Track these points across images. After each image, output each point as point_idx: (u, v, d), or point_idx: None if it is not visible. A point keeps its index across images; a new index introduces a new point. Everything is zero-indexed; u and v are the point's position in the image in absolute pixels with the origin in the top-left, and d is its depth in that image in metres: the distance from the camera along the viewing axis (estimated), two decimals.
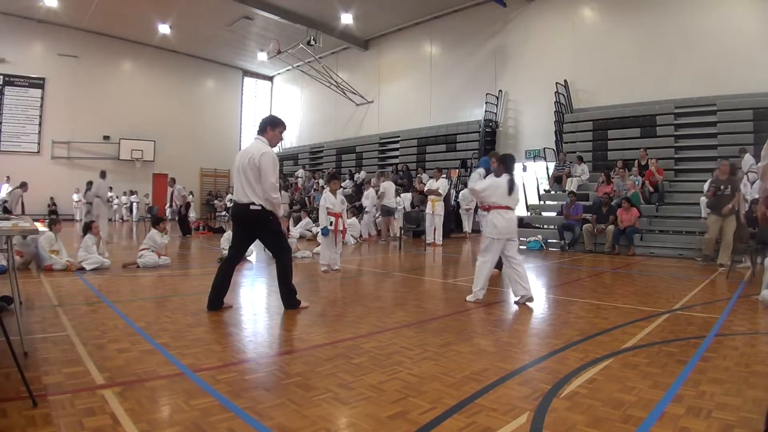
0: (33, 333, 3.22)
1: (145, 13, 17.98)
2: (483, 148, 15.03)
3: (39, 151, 19.88)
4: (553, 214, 11.82)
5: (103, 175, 11.76)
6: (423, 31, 18.32)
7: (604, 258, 8.95)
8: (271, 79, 26.96)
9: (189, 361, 2.72)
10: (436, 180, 11.15)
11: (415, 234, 13.02)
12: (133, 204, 21.04)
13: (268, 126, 4.15)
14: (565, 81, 13.84)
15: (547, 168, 13.64)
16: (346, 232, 6.75)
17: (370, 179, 13.86)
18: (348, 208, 9.72)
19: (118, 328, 3.42)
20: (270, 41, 19.32)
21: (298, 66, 21.16)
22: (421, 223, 11.87)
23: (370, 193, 12.51)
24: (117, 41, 21.29)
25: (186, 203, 13.41)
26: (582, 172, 12.18)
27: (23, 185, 12.89)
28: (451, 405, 2.17)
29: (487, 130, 15.40)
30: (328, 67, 20.03)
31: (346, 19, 17.82)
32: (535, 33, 14.99)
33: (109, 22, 19.45)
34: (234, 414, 2.05)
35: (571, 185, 11.89)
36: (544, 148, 13.94)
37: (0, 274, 5.39)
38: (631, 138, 12.07)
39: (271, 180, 3.92)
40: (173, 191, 13.59)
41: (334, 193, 6.63)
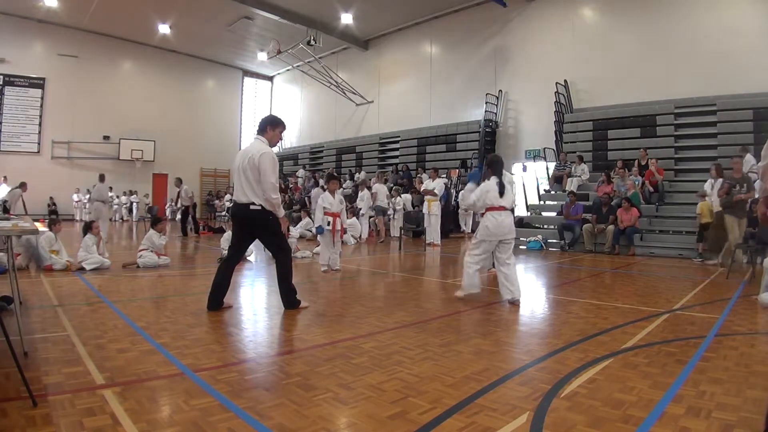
0: (33, 333, 3.22)
1: (145, 13, 17.98)
2: (483, 148, 15.03)
3: (39, 151, 19.89)
4: (553, 214, 11.82)
5: (102, 178, 11.78)
6: (423, 31, 18.32)
7: (604, 258, 8.96)
8: (271, 79, 26.96)
9: (189, 361, 2.72)
10: (433, 180, 11.17)
11: (416, 234, 13.03)
12: (133, 204, 21.05)
13: (268, 126, 4.14)
14: (565, 81, 13.84)
15: (547, 168, 13.64)
16: (345, 233, 6.74)
17: (365, 180, 13.86)
18: (348, 209, 9.72)
19: (118, 328, 3.42)
20: (270, 41, 19.32)
21: (298, 66, 21.16)
22: (421, 223, 11.88)
23: (365, 194, 12.55)
24: (117, 41, 21.29)
25: (194, 203, 13.45)
26: (582, 172, 12.18)
27: (22, 185, 12.89)
28: (451, 405, 2.17)
29: (487, 130, 15.39)
30: (328, 67, 20.02)
31: (346, 19, 17.81)
32: (535, 33, 14.98)
33: (109, 22, 19.45)
34: (234, 414, 2.05)
35: (571, 185, 11.90)
36: (544, 148, 13.93)
37: (0, 274, 5.39)
38: (631, 138, 12.07)
39: (271, 180, 3.92)
40: (180, 191, 13.56)
41: (333, 193, 6.64)
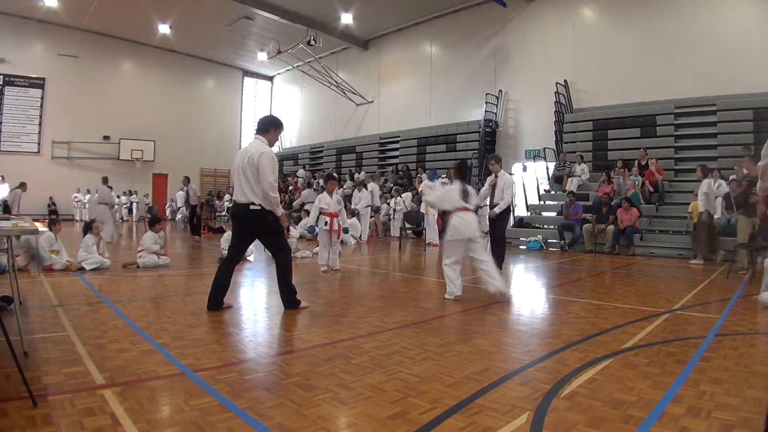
0: (33, 333, 3.22)
1: (145, 13, 17.97)
2: (483, 148, 15.03)
3: (39, 151, 19.89)
4: (553, 214, 11.82)
5: (105, 181, 11.77)
6: (423, 31, 18.32)
7: (604, 258, 8.96)
8: (271, 79, 26.96)
9: (189, 361, 2.72)
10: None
11: (417, 234, 13.04)
12: (133, 204, 21.06)
13: (272, 127, 4.16)
14: (565, 81, 13.84)
15: (547, 168, 13.64)
16: (345, 232, 6.75)
17: (363, 181, 13.84)
18: (347, 209, 9.73)
19: (118, 328, 3.42)
20: (270, 41, 19.31)
21: (298, 66, 21.16)
22: (422, 222, 11.89)
23: (363, 194, 12.57)
24: (117, 41, 21.29)
25: (201, 203, 13.33)
26: (582, 172, 12.18)
27: (22, 185, 12.90)
28: (451, 405, 2.17)
29: (487, 130, 15.39)
30: (328, 67, 20.02)
31: (346, 19, 17.80)
32: (535, 33, 14.98)
33: (109, 22, 19.45)
34: (234, 414, 2.05)
35: (571, 185, 11.90)
36: (544, 148, 13.93)
37: (0, 274, 5.39)
38: (631, 138, 12.07)
39: (270, 179, 3.93)
40: (188, 190, 13.50)
41: (331, 194, 6.64)
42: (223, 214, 19.78)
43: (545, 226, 11.61)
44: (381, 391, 2.33)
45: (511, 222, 13.03)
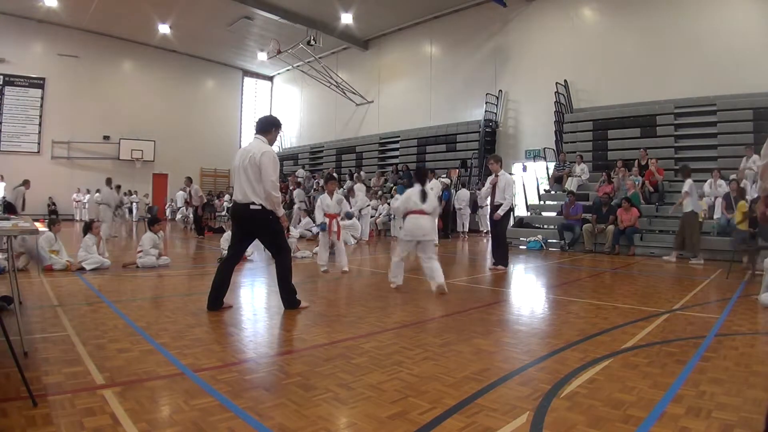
0: (33, 333, 3.22)
1: (145, 13, 17.98)
2: (483, 148, 15.04)
3: (39, 151, 19.89)
4: (553, 214, 11.82)
5: (108, 182, 11.78)
6: (423, 31, 18.32)
7: (604, 258, 8.95)
8: (271, 79, 26.96)
9: (189, 361, 2.72)
10: (429, 181, 11.15)
11: None
12: (133, 204, 21.05)
13: (272, 127, 4.19)
14: (565, 81, 13.84)
15: (547, 168, 13.64)
16: (342, 233, 6.79)
17: (352, 187, 13.74)
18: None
19: (118, 328, 3.42)
20: (270, 41, 19.31)
21: (298, 66, 21.15)
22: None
23: (358, 197, 12.65)
24: (117, 41, 21.29)
25: (203, 203, 13.23)
26: (582, 172, 12.18)
27: (26, 183, 12.92)
28: (451, 405, 2.17)
29: (487, 130, 15.39)
30: (328, 67, 20.02)
31: (346, 19, 17.81)
32: (535, 33, 14.98)
33: (109, 22, 19.45)
34: (234, 414, 2.05)
35: (570, 185, 11.89)
36: (544, 148, 13.93)
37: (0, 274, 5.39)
38: (631, 138, 12.07)
39: (272, 178, 3.94)
40: (190, 191, 13.43)
41: (331, 194, 6.69)
42: (223, 214, 19.78)
43: (545, 226, 11.61)
44: (381, 391, 2.33)
45: (512, 222, 13.05)
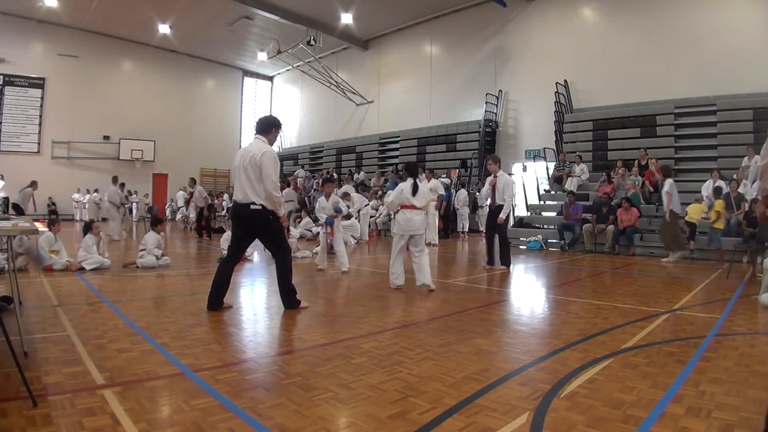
0: (33, 333, 3.22)
1: (145, 13, 17.97)
2: (483, 148, 15.04)
3: (39, 151, 19.88)
4: (553, 214, 11.82)
5: (114, 180, 11.78)
6: (423, 31, 18.32)
7: (604, 258, 8.95)
8: (271, 79, 26.95)
9: (189, 361, 2.72)
10: (428, 181, 11.14)
11: None
12: (133, 204, 21.04)
13: (273, 127, 4.20)
14: (565, 81, 13.84)
15: (547, 168, 13.64)
16: (341, 233, 6.87)
17: (346, 193, 13.71)
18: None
19: (118, 328, 3.42)
20: (270, 41, 19.32)
21: (298, 66, 21.16)
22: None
23: (355, 198, 12.66)
24: (117, 41, 21.29)
25: (208, 204, 13.06)
26: (581, 172, 12.18)
27: (33, 184, 12.93)
28: (451, 405, 2.17)
29: (487, 130, 15.39)
30: (328, 67, 20.02)
31: (346, 19, 17.81)
32: (535, 33, 14.98)
33: (109, 22, 19.45)
34: (234, 414, 2.05)
35: (570, 185, 11.89)
36: (544, 148, 13.93)
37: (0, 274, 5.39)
38: (631, 138, 12.07)
39: (273, 178, 3.95)
40: (194, 192, 13.34)
41: (328, 197, 6.76)
42: (222, 214, 19.78)
43: (545, 226, 11.61)
44: (381, 391, 2.33)
45: (512, 222, 13.05)
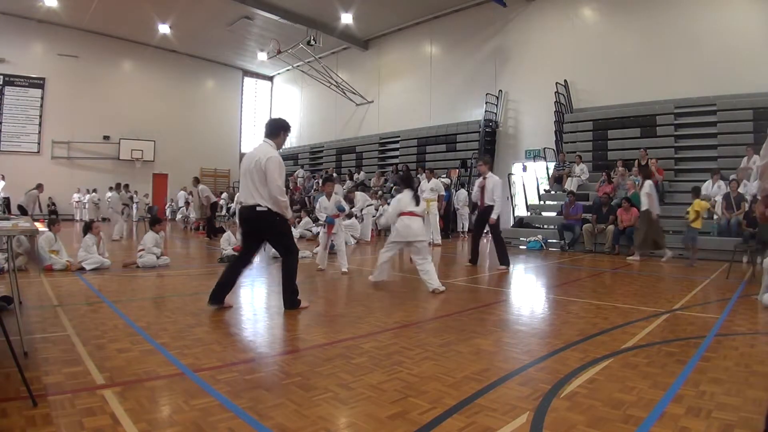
0: (33, 333, 3.22)
1: (145, 13, 17.97)
2: (483, 148, 15.04)
3: (39, 151, 19.88)
4: (553, 214, 11.82)
5: (117, 187, 11.78)
6: (423, 31, 18.31)
7: (604, 258, 8.96)
8: (271, 79, 26.95)
9: (189, 361, 2.72)
10: (428, 181, 11.14)
11: None
12: (134, 205, 21.04)
13: (281, 131, 4.23)
14: (565, 81, 13.84)
15: (547, 168, 13.64)
16: (339, 233, 6.82)
17: (353, 192, 13.68)
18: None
19: (118, 328, 3.42)
20: (270, 41, 19.32)
21: (298, 66, 21.15)
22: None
23: (358, 196, 12.67)
24: (117, 41, 21.28)
25: (212, 204, 12.77)
26: (581, 172, 12.17)
27: (39, 186, 12.93)
28: (451, 405, 2.17)
29: (487, 130, 15.39)
30: (328, 67, 20.02)
31: (346, 19, 17.80)
32: (535, 33, 14.98)
33: (109, 22, 19.44)
34: (234, 414, 2.05)
35: (570, 185, 11.89)
36: (544, 148, 13.94)
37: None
38: (631, 138, 12.07)
39: (278, 182, 3.97)
40: (198, 192, 13.17)
41: (329, 197, 6.73)
42: (222, 213, 19.78)
43: (545, 226, 11.61)
44: (381, 391, 2.33)
45: (511, 222, 13.06)
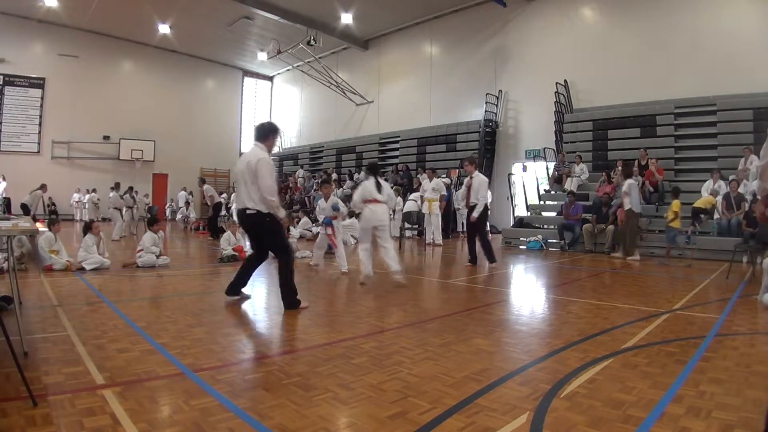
0: (33, 333, 3.22)
1: (145, 13, 17.97)
2: (483, 148, 15.05)
3: (39, 151, 19.87)
4: (553, 214, 11.82)
5: (116, 187, 11.77)
6: (423, 31, 18.31)
7: (604, 258, 8.95)
8: (271, 79, 26.95)
9: (189, 361, 2.72)
10: (430, 180, 11.13)
11: (418, 234, 13.00)
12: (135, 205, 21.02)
13: (271, 134, 4.38)
14: (565, 81, 13.84)
15: (547, 168, 13.64)
16: (338, 234, 6.82)
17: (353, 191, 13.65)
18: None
19: (118, 328, 3.42)
20: (270, 41, 19.32)
21: (298, 66, 21.15)
22: (422, 223, 11.83)
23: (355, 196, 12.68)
24: (117, 41, 21.27)
25: (216, 204, 12.78)
26: (581, 172, 12.17)
27: (43, 187, 12.91)
28: (451, 405, 2.17)
29: (487, 130, 15.39)
30: (328, 67, 20.02)
31: (346, 19, 17.80)
32: (535, 33, 14.98)
33: (109, 22, 19.44)
34: (234, 414, 2.05)
35: (570, 185, 11.89)
36: (544, 148, 13.93)
37: None
38: (631, 138, 12.06)
39: (268, 183, 4.08)
40: (202, 191, 13.18)
41: (326, 198, 6.79)
42: (222, 213, 19.76)
43: (545, 226, 11.60)
44: (381, 391, 2.33)
45: (511, 222, 13.06)
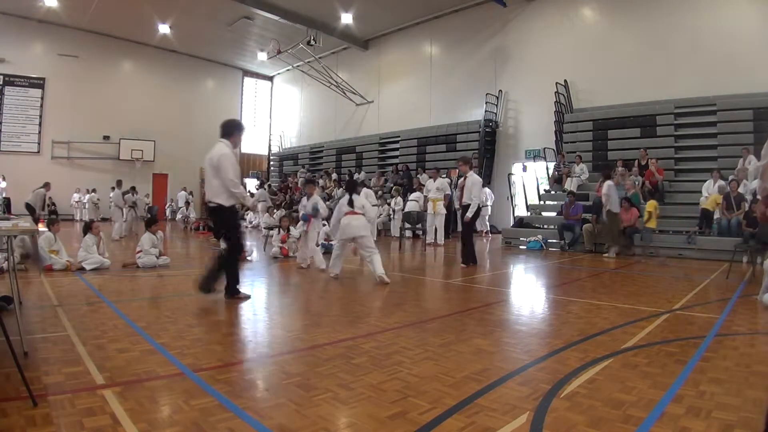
0: (33, 333, 3.22)
1: (145, 13, 17.96)
2: (483, 148, 15.04)
3: (39, 151, 19.85)
4: (553, 214, 11.82)
5: (118, 184, 11.78)
6: (423, 31, 18.31)
7: (603, 258, 8.95)
8: (271, 79, 26.94)
9: (189, 361, 2.72)
10: (434, 180, 11.12)
11: (416, 234, 13.01)
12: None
13: (235, 130, 4.68)
14: (565, 81, 13.84)
15: (547, 168, 13.64)
16: (311, 233, 7.14)
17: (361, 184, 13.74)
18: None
19: (118, 328, 3.42)
20: (270, 41, 19.31)
21: (298, 66, 21.15)
22: (423, 223, 11.82)
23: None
24: (117, 41, 21.26)
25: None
26: (581, 172, 12.17)
27: (46, 185, 12.89)
28: (451, 405, 2.17)
29: (487, 130, 15.39)
30: (328, 67, 20.01)
31: (346, 19, 17.79)
32: (535, 33, 14.98)
33: (109, 22, 19.43)
34: (234, 414, 2.05)
35: (570, 185, 11.89)
36: (544, 148, 13.93)
37: None
38: (631, 138, 12.06)
39: (230, 176, 4.35)
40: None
41: (308, 197, 7.07)
42: None
43: (545, 226, 11.60)
44: (381, 391, 2.33)
45: (511, 222, 13.06)
